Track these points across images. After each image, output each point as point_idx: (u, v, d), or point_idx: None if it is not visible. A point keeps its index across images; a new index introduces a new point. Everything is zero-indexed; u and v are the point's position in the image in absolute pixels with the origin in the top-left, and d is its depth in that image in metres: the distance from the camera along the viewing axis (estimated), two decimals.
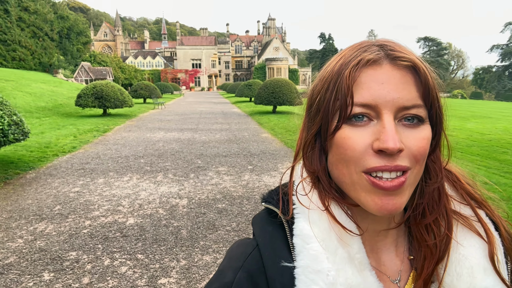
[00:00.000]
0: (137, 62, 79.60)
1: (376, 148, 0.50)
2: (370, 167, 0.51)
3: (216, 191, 5.75)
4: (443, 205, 0.58)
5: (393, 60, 0.53)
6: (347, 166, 0.53)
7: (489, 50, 72.68)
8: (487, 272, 0.54)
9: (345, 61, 0.55)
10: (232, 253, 0.61)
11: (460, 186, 0.63)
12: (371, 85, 0.52)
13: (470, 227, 0.58)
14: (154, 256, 3.62)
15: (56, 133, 11.14)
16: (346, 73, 0.53)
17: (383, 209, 0.52)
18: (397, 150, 0.49)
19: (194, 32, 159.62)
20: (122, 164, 7.56)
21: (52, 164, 7.44)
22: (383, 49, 0.54)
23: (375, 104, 0.51)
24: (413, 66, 0.53)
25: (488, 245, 0.56)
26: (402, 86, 0.52)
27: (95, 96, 15.99)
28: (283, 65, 70.69)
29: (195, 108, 24.40)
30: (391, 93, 0.51)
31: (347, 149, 0.52)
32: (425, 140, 0.52)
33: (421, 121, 0.53)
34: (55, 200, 5.23)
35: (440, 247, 0.57)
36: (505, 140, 11.48)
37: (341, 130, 0.53)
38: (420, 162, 0.53)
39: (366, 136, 0.52)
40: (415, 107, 0.52)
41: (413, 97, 0.52)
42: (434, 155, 0.58)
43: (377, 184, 0.51)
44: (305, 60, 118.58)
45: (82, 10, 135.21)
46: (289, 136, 11.30)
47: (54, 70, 41.09)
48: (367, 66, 0.53)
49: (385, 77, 0.52)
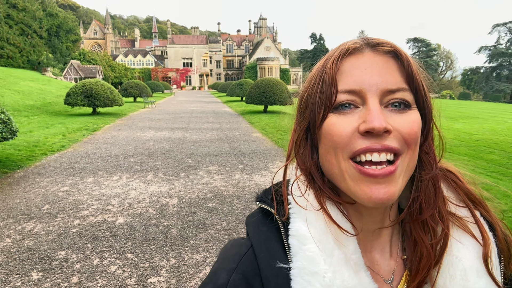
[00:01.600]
0: (127, 60, 78.97)
1: (362, 130, 0.50)
2: (356, 149, 0.51)
3: (207, 190, 5.76)
4: (439, 199, 0.57)
5: (374, 47, 0.54)
6: (335, 154, 0.53)
7: (477, 52, 73.67)
8: (479, 274, 0.54)
9: (329, 55, 0.57)
10: (226, 253, 0.60)
11: (458, 186, 0.62)
12: (354, 72, 0.53)
13: (464, 229, 0.57)
14: (143, 255, 3.61)
15: (44, 132, 11.02)
16: (329, 65, 0.54)
17: (373, 199, 0.50)
18: (383, 129, 0.49)
19: (185, 30, 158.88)
20: (111, 163, 7.51)
21: (41, 163, 7.36)
22: (364, 40, 0.56)
23: (359, 89, 0.52)
24: (394, 51, 0.53)
25: (483, 247, 0.55)
26: (385, 70, 0.52)
27: (85, 95, 15.84)
28: (274, 64, 70.78)
29: (186, 107, 24.31)
30: (374, 78, 0.52)
31: (333, 135, 0.53)
32: (415, 123, 0.52)
33: (408, 106, 0.53)
34: (44, 199, 5.18)
35: (437, 248, 0.56)
36: (492, 140, 11.67)
37: (328, 119, 0.54)
38: (411, 147, 0.52)
39: (352, 122, 0.52)
40: (400, 91, 0.52)
41: (397, 81, 0.52)
42: (426, 145, 0.58)
43: (365, 171, 0.50)
44: (296, 60, 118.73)
45: (71, 7, 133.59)
46: (280, 135, 11.33)
47: (43, 68, 40.63)
48: (349, 55, 0.54)
49: (368, 63, 0.53)
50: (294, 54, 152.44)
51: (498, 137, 12.50)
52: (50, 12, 46.05)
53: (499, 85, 67.76)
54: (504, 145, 10.66)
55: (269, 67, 70.23)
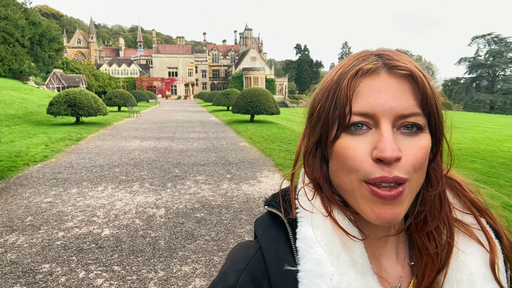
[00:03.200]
0: (111, 69, 78.36)
1: (374, 157, 0.51)
2: (371, 178, 0.51)
3: (195, 200, 5.70)
4: (444, 212, 0.59)
5: (391, 69, 0.54)
6: (349, 174, 0.54)
7: (457, 63, 75.65)
8: (486, 280, 0.55)
9: (344, 70, 0.56)
10: (234, 255, 0.61)
11: (463, 194, 0.63)
12: (369, 94, 0.53)
13: (470, 235, 0.58)
14: (131, 267, 3.53)
15: (26, 142, 10.76)
16: (344, 83, 0.54)
17: (381, 218, 0.52)
18: (394, 159, 0.50)
19: (170, 40, 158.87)
20: (96, 173, 7.38)
21: (23, 173, 7.18)
22: (381, 58, 0.55)
23: (373, 113, 0.52)
24: (411, 75, 0.53)
25: (489, 253, 0.56)
26: (399, 94, 0.53)
27: (68, 104, 15.57)
28: (260, 74, 71.19)
29: (171, 117, 24.15)
30: (388, 102, 0.52)
31: (347, 158, 0.53)
32: (423, 149, 0.53)
33: (420, 129, 0.54)
34: (26, 211, 5.04)
35: (442, 255, 0.57)
36: (473, 149, 11.92)
37: (340, 139, 0.55)
38: (418, 172, 0.53)
39: (365, 145, 0.53)
40: (413, 115, 0.53)
41: (410, 105, 0.53)
42: (435, 163, 0.59)
43: (376, 192, 0.51)
44: (282, 70, 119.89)
45: (55, 16, 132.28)
46: (267, 144, 11.34)
47: (25, 77, 39.86)
48: (365, 76, 0.54)
49: (383, 86, 0.53)
50: (280, 64, 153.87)
51: (480, 146, 12.79)
52: (33, 21, 45.35)
53: (479, 96, 69.60)
54: (485, 154, 10.91)
55: (255, 77, 70.59)
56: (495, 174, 8.06)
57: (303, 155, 0.63)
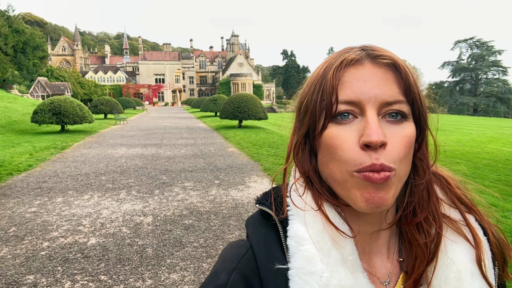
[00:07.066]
0: (97, 77, 77.61)
1: (361, 143, 0.52)
2: (361, 167, 0.52)
3: (183, 207, 5.64)
4: (432, 203, 0.59)
5: (374, 59, 0.55)
6: (339, 165, 0.54)
7: (441, 67, 77.06)
8: (474, 277, 0.55)
9: (329, 63, 0.58)
10: (226, 254, 0.61)
11: (450, 191, 0.64)
12: (354, 83, 0.54)
13: (458, 231, 0.59)
14: (118, 276, 3.47)
15: (10, 151, 10.54)
16: (330, 74, 0.55)
17: (370, 203, 0.52)
18: (380, 143, 0.50)
19: (157, 47, 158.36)
20: (82, 182, 7.26)
21: (6, 183, 7.02)
22: (364, 50, 0.57)
23: (359, 101, 0.53)
24: (393, 64, 0.55)
25: (475, 250, 0.57)
26: (383, 83, 0.54)
27: (53, 112, 15.34)
28: (247, 80, 71.40)
29: (159, 123, 23.99)
30: (373, 90, 0.53)
31: (336, 148, 0.54)
32: (407, 138, 0.54)
33: (405, 117, 0.55)
34: (10, 221, 4.92)
35: (431, 247, 0.58)
36: (458, 151, 12.13)
37: (328, 129, 0.55)
38: (403, 161, 0.54)
39: (352, 133, 0.53)
40: (397, 103, 0.54)
41: (394, 93, 0.54)
42: (420, 152, 0.60)
43: (368, 176, 0.51)
44: (269, 76, 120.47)
45: (39, 24, 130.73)
46: (256, 150, 11.33)
47: (8, 85, 39.27)
48: (349, 66, 0.55)
49: (367, 75, 0.54)
50: (267, 70, 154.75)
51: (464, 148, 13.02)
52: (16, 29, 44.72)
53: (463, 99, 70.89)
54: (470, 156, 11.10)
55: (243, 83, 70.76)
56: (480, 175, 8.20)
57: (292, 149, 0.63)
